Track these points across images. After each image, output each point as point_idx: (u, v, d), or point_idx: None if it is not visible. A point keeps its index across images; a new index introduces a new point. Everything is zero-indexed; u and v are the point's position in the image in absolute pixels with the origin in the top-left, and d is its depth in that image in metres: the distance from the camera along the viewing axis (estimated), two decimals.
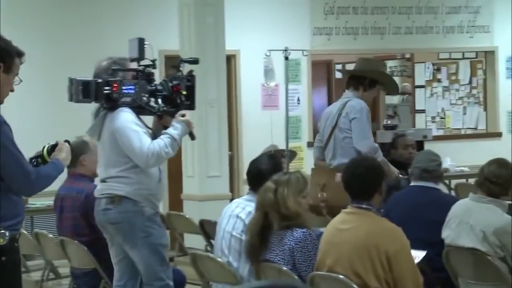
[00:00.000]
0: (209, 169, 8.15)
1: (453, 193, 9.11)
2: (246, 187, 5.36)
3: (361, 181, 4.43)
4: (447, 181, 9.59)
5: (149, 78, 5.17)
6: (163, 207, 8.90)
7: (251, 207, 4.99)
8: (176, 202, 8.93)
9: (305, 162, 9.77)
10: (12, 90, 4.06)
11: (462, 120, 11.95)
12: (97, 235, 5.50)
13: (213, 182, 8.16)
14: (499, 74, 11.09)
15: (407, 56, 12.72)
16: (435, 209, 5.51)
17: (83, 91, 5.01)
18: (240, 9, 9.51)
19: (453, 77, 12.22)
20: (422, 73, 12.64)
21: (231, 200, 5.78)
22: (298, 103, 9.90)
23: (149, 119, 5.30)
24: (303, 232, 4.54)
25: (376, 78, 6.64)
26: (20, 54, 4.02)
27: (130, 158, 5.08)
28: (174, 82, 5.20)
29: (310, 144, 9.88)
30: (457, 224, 5.24)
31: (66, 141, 4.34)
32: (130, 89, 5.07)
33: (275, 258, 4.56)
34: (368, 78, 6.60)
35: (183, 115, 5.14)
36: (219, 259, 5.01)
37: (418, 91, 12.67)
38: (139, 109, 5.14)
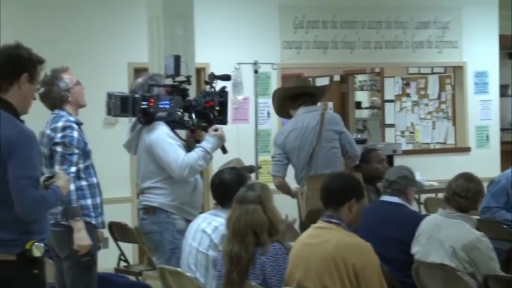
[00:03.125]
0: None
1: (422, 207, 9.12)
2: (212, 201, 5.32)
3: (333, 186, 4.46)
4: (416, 196, 9.61)
5: (184, 93, 5.51)
6: (131, 221, 8.84)
7: (217, 222, 4.94)
8: None
9: None
10: (34, 99, 4.03)
11: (431, 135, 11.99)
12: None
13: None
14: (467, 89, 11.15)
15: (377, 70, 12.78)
16: (395, 226, 5.51)
17: (121, 105, 5.35)
18: (210, 21, 9.49)
19: (422, 92, 12.28)
20: (391, 88, 12.69)
21: (200, 213, 5.78)
22: (268, 117, 9.88)
23: (182, 133, 5.57)
24: (274, 246, 4.50)
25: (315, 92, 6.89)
26: (41, 62, 3.97)
27: (164, 170, 5.38)
28: (207, 98, 5.52)
29: None
30: (426, 239, 5.24)
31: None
32: (166, 104, 5.40)
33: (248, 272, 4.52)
34: (314, 94, 6.81)
35: (215, 130, 5.45)
36: (188, 274, 4.96)
37: (387, 106, 12.71)
38: (174, 123, 5.48)
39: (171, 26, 7.93)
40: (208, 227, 4.98)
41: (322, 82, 12.60)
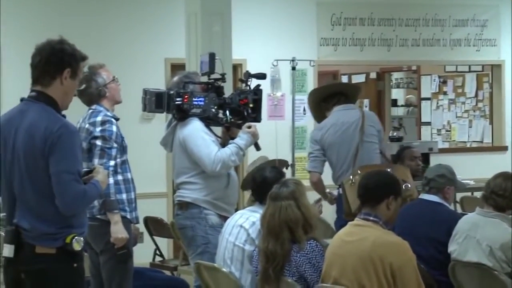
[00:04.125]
0: None
1: (458, 206, 9.07)
2: (245, 199, 5.35)
3: (370, 184, 4.46)
4: None
5: (219, 91, 5.57)
6: (167, 216, 8.89)
7: (254, 217, 4.96)
8: None
9: None
10: (75, 95, 4.06)
11: (468, 133, 11.92)
12: None
13: None
14: (505, 87, 11.06)
15: (414, 68, 12.71)
16: (432, 225, 5.49)
17: (156, 101, 5.42)
18: (247, 18, 9.51)
19: (459, 90, 12.20)
20: (428, 86, 12.62)
21: (236, 210, 5.80)
22: (304, 114, 9.87)
23: (217, 131, 5.63)
24: (310, 243, 4.50)
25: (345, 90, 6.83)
26: (84, 58, 4.01)
27: (198, 165, 5.44)
28: (242, 96, 5.58)
29: None
30: (463, 238, 5.21)
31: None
32: (200, 101, 5.47)
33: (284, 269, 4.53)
34: (347, 93, 6.76)
35: (249, 127, 5.51)
36: (223, 269, 4.98)
37: (424, 103, 12.65)
38: (208, 120, 5.55)
39: (209, 22, 7.94)
40: (246, 222, 5.00)
41: (358, 79, 12.56)
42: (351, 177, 6.12)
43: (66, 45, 3.94)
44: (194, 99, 5.46)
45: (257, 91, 5.62)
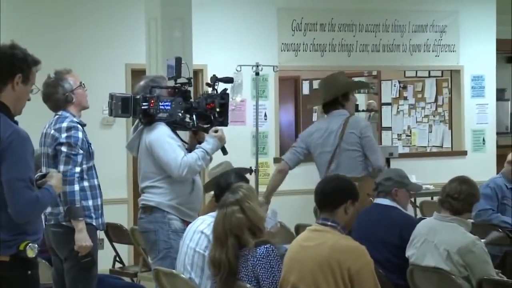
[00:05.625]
0: None
1: (418, 210, 9.14)
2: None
3: (327, 189, 4.46)
4: (412, 199, 9.62)
5: (186, 95, 5.58)
6: (127, 222, 8.85)
7: None
8: None
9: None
10: (29, 99, 4.01)
11: (428, 138, 12.01)
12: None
13: None
14: (464, 93, 11.17)
15: (374, 73, 12.78)
16: (385, 228, 5.54)
17: (122, 106, 5.43)
18: (208, 23, 9.51)
19: (419, 95, 12.29)
20: (388, 91, 12.71)
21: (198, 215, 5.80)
22: (265, 119, 9.90)
23: (184, 135, 5.66)
24: (266, 248, 4.51)
25: (346, 91, 6.77)
26: (36, 63, 3.95)
27: (164, 170, 5.45)
28: (209, 100, 5.60)
29: (276, 160, 9.87)
30: (421, 243, 5.25)
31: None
32: (167, 105, 5.47)
33: (239, 275, 4.53)
34: (338, 96, 6.71)
35: (216, 131, 5.53)
36: (182, 275, 4.97)
37: (384, 109, 12.73)
38: (175, 125, 5.55)
39: (169, 27, 7.94)
40: (207, 228, 4.98)
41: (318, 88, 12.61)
42: None
43: (17, 50, 3.89)
44: (160, 103, 5.46)
45: (224, 95, 5.65)
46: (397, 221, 5.59)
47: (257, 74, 9.30)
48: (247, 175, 5.69)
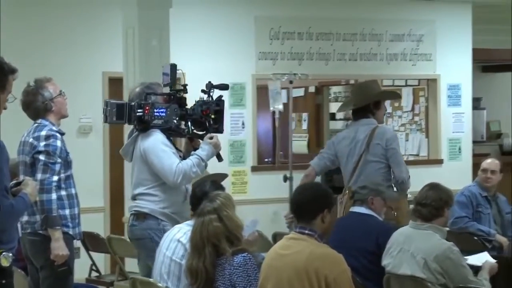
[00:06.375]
0: None
1: None
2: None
3: (304, 200, 4.45)
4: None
5: (181, 102, 5.59)
6: (104, 231, 8.81)
7: None
8: (117, 225, 8.84)
9: (249, 186, 9.74)
10: (5, 108, 3.99)
11: (405, 147, 12.05)
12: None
13: None
14: (440, 101, 11.23)
15: (352, 82, 12.82)
16: (361, 236, 5.56)
17: (117, 113, 5.43)
18: (186, 32, 9.50)
19: (396, 104, 12.34)
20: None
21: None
22: (243, 127, 9.90)
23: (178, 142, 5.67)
24: (243, 256, 4.51)
25: (379, 99, 6.78)
26: (13, 71, 3.93)
27: (159, 177, 5.46)
28: (204, 107, 5.60)
29: (254, 169, 9.88)
30: (398, 251, 5.27)
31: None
32: (162, 112, 5.48)
33: (216, 283, 4.52)
34: (370, 104, 6.71)
35: (211, 138, 5.54)
36: (159, 284, 4.96)
37: None
38: (170, 131, 5.56)
39: (147, 36, 7.95)
40: (183, 236, 4.97)
41: (297, 93, 12.63)
42: (342, 194, 6.31)
43: None
44: (155, 110, 5.48)
45: (219, 102, 5.67)
46: (373, 229, 5.62)
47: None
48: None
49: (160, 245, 5.13)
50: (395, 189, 6.47)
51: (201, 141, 5.60)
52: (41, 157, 5.18)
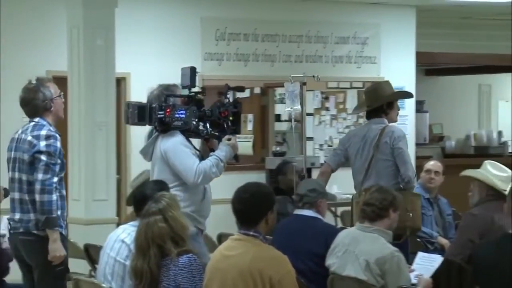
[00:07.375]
0: (96, 192, 8.03)
1: (339, 220, 9.24)
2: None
3: (247, 207, 4.46)
4: (333, 208, 9.73)
5: (199, 104, 5.70)
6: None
7: None
8: None
9: None
10: None
11: None
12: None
13: (99, 205, 8.03)
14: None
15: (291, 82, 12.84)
16: (308, 239, 5.61)
17: (138, 114, 5.53)
18: (132, 32, 9.46)
19: (341, 106, 12.41)
20: (311, 101, 12.80)
21: (118, 224, 5.77)
22: None
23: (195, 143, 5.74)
24: (188, 257, 4.52)
25: (392, 100, 6.92)
26: None
27: (178, 177, 5.57)
28: (222, 108, 5.71)
29: None
30: (343, 252, 5.31)
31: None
32: (181, 113, 5.58)
33: (161, 284, 4.52)
34: (383, 104, 6.80)
35: (229, 139, 5.66)
36: (103, 285, 4.94)
37: (308, 119, 12.80)
38: (189, 132, 5.66)
39: (92, 36, 7.90)
40: (128, 237, 4.97)
41: (243, 94, 12.65)
42: (358, 195, 6.43)
43: None
44: (175, 112, 5.57)
45: (237, 104, 5.79)
46: (322, 231, 5.68)
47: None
48: None
49: (104, 245, 5.12)
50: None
51: (217, 142, 5.72)
52: (43, 157, 5.23)
